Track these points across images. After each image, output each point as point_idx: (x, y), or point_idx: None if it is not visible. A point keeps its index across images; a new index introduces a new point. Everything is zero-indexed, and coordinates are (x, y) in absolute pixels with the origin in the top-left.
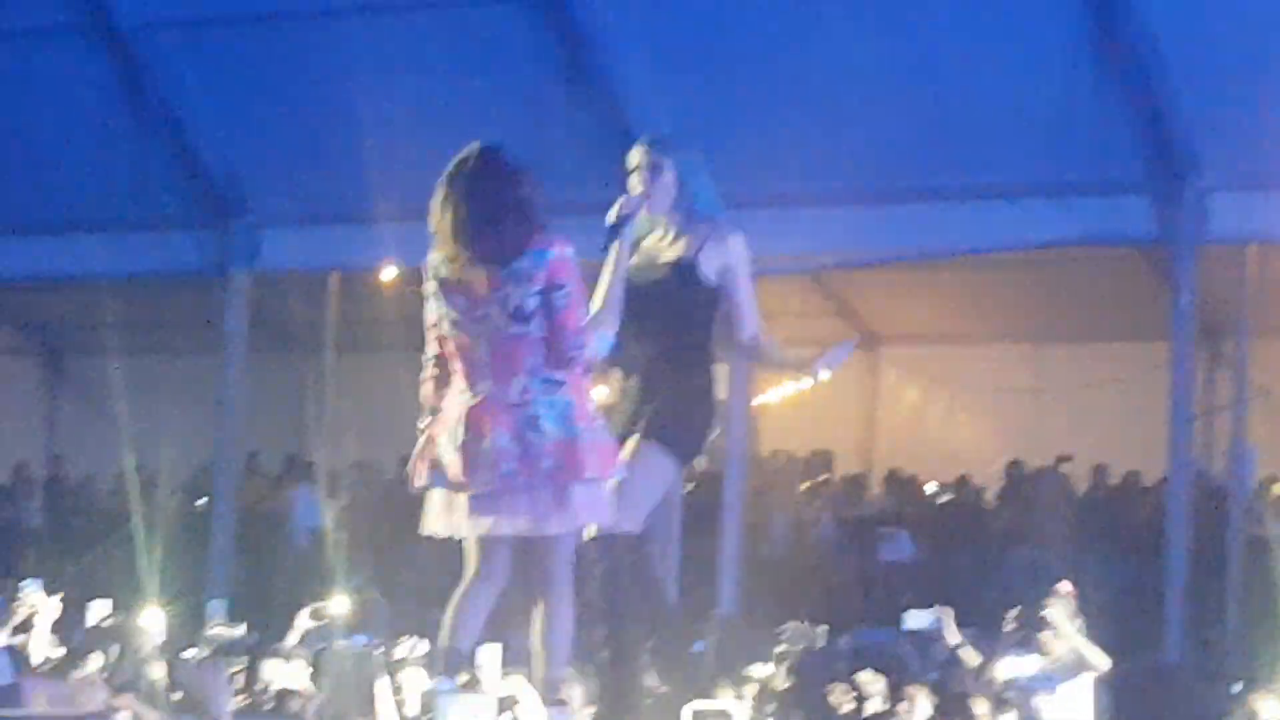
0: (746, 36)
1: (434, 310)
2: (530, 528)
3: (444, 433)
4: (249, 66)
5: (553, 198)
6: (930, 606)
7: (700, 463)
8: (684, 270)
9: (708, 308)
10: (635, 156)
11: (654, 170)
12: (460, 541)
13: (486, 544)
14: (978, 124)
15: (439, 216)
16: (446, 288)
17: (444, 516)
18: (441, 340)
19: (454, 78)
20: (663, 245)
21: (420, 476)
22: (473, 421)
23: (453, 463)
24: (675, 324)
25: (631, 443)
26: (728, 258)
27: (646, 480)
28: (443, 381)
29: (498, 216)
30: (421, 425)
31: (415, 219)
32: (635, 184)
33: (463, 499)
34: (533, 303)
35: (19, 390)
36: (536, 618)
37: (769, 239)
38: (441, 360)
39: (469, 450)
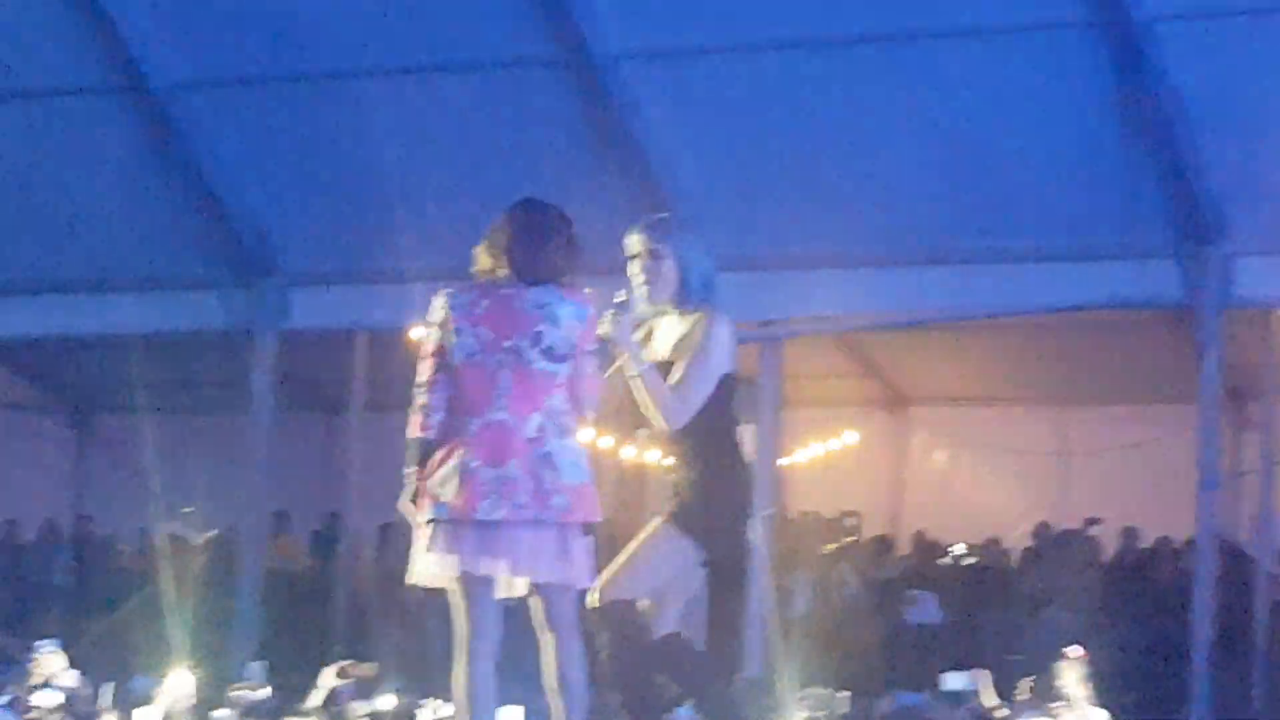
0: (774, 100)
1: (439, 339)
2: (539, 575)
3: (450, 460)
4: (279, 127)
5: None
6: (957, 668)
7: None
8: None
9: (718, 398)
10: (634, 244)
11: (654, 258)
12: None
13: (477, 590)
14: (1005, 188)
15: (491, 235)
16: (468, 320)
17: (439, 560)
18: (452, 371)
19: (483, 140)
20: (664, 342)
21: (424, 510)
22: (486, 447)
23: (461, 490)
24: (691, 421)
25: (656, 522)
26: (700, 340)
27: (657, 562)
28: (433, 409)
29: (546, 239)
30: (409, 467)
31: (444, 279)
32: (635, 271)
33: (463, 538)
34: (566, 348)
35: (46, 448)
36: (549, 661)
37: (796, 300)
38: (435, 388)
39: (482, 476)
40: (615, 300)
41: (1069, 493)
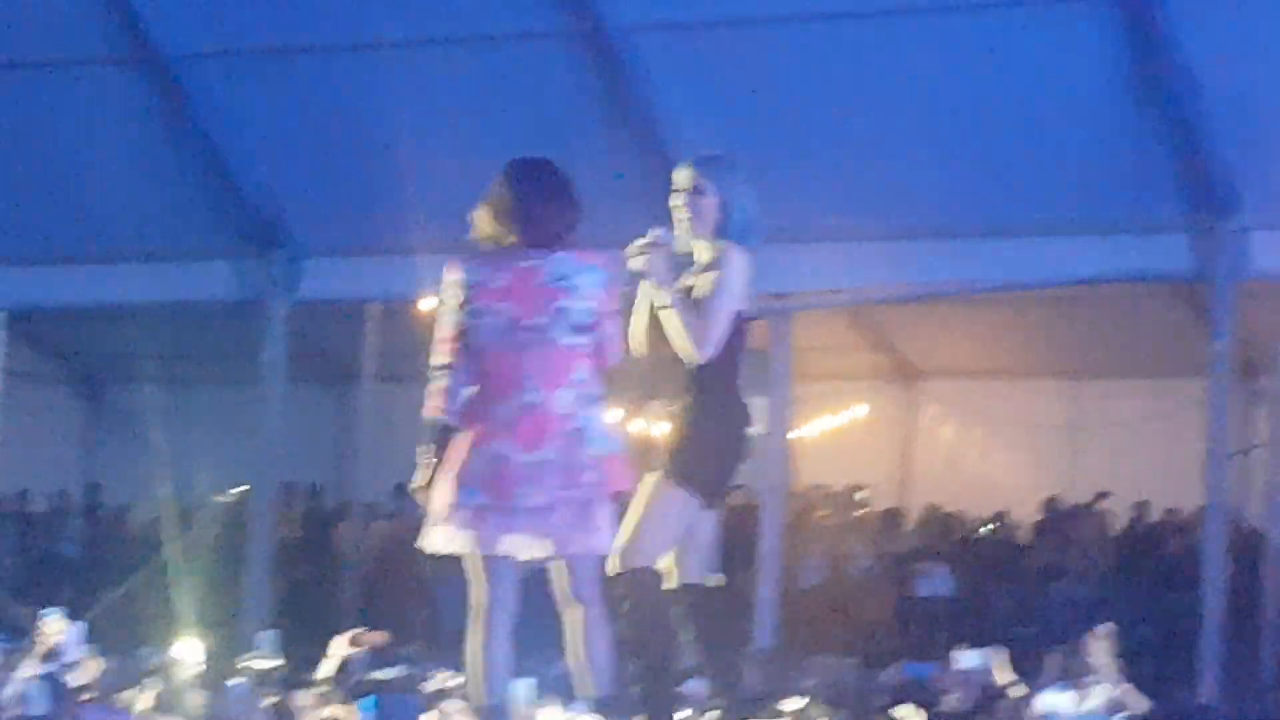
0: (786, 72)
1: (457, 323)
2: (564, 548)
3: (482, 446)
4: (291, 98)
5: (592, 232)
6: (967, 642)
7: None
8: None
9: (729, 339)
10: (681, 179)
11: (696, 192)
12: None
13: (496, 562)
14: (1017, 160)
15: (493, 200)
16: (489, 297)
17: (456, 535)
18: (475, 353)
19: (495, 111)
20: (692, 275)
21: (449, 493)
22: (523, 432)
23: (498, 477)
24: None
25: (650, 477)
26: (720, 272)
27: (663, 517)
28: (456, 392)
29: (557, 203)
30: (427, 444)
31: (455, 250)
32: (678, 204)
33: (485, 516)
34: (589, 318)
35: (58, 419)
36: (575, 632)
37: (808, 273)
38: (457, 371)
39: (517, 461)
40: (649, 237)
41: (1079, 466)
